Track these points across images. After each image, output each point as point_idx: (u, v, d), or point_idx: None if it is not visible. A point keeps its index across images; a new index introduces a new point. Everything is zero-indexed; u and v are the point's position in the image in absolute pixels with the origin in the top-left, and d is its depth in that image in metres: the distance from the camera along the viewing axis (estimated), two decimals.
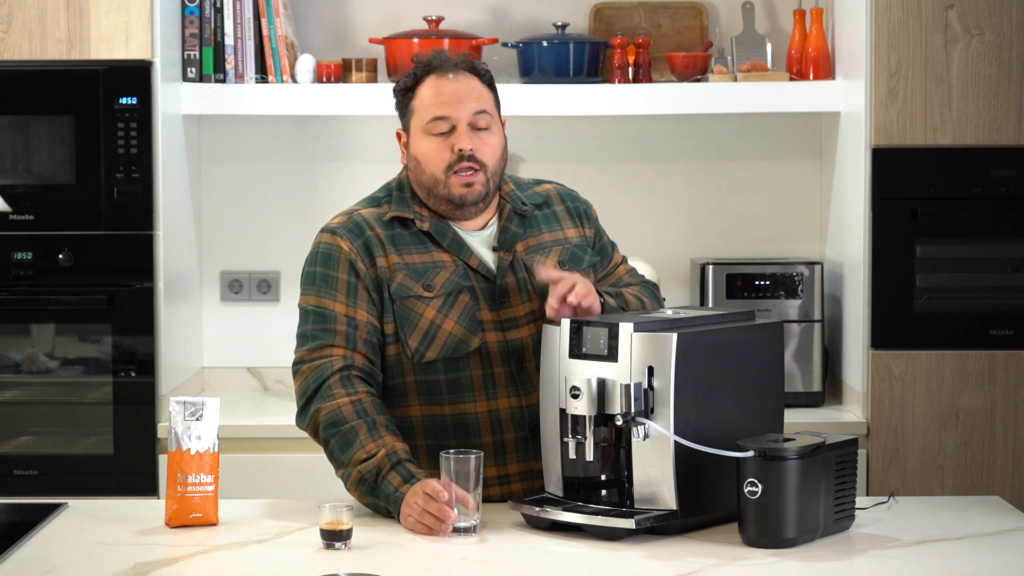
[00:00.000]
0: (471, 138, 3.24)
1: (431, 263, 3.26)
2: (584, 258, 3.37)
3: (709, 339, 3.06)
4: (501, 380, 3.25)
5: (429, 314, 3.23)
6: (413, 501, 3.03)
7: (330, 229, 3.30)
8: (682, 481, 2.99)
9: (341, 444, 3.15)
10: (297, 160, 4.99)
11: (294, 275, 4.98)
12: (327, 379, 3.19)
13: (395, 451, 3.11)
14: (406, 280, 3.24)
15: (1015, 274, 4.46)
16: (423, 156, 3.26)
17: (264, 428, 4.49)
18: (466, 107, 3.24)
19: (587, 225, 3.44)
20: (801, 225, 4.99)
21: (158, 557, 2.91)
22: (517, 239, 3.32)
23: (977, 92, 4.39)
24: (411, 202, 3.30)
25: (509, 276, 3.29)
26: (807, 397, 4.66)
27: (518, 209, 3.34)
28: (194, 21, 4.69)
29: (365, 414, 3.15)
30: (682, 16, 4.96)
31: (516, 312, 3.27)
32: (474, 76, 3.29)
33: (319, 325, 3.23)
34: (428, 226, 3.28)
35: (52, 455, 4.50)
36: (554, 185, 3.47)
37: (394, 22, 4.93)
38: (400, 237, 3.28)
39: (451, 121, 3.24)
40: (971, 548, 2.97)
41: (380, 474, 3.09)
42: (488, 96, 3.30)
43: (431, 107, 3.25)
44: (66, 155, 4.45)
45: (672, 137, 4.98)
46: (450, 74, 3.26)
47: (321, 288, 3.26)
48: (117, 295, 4.46)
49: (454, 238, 3.29)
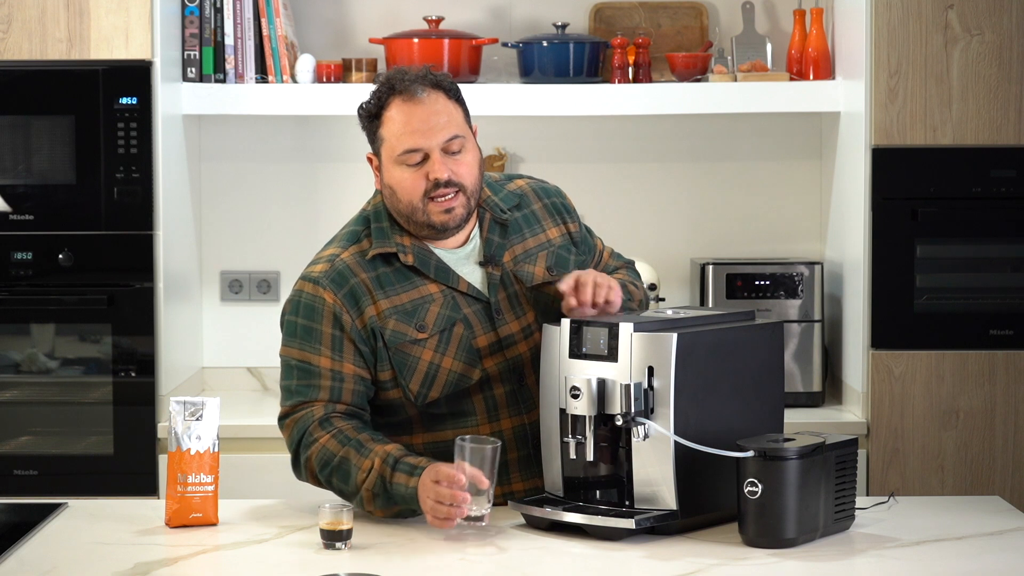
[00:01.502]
0: (445, 164, 3.14)
1: (419, 299, 3.19)
2: (570, 259, 3.32)
3: (709, 339, 3.06)
4: (502, 401, 3.22)
5: (427, 356, 3.18)
6: (425, 495, 3.00)
7: (312, 278, 3.20)
8: (682, 481, 2.99)
9: (341, 477, 3.11)
10: (297, 160, 4.99)
11: (294, 275, 4.95)
12: (308, 428, 3.14)
13: (388, 454, 3.08)
14: (398, 326, 3.17)
15: (1015, 274, 4.46)
16: (398, 185, 3.17)
17: (264, 428, 4.48)
18: (438, 135, 3.14)
19: (569, 219, 3.37)
20: (801, 225, 4.99)
21: (158, 557, 2.91)
22: (502, 250, 3.25)
23: (977, 92, 4.39)
24: (390, 232, 3.21)
25: (500, 292, 3.23)
26: (807, 397, 4.66)
27: (498, 218, 3.27)
28: (194, 21, 4.69)
29: (348, 440, 3.11)
30: (682, 16, 4.96)
31: (512, 328, 3.22)
32: (439, 92, 3.17)
33: (303, 380, 3.16)
34: (412, 259, 3.19)
35: (52, 455, 4.50)
36: (526, 180, 3.39)
37: (394, 22, 4.93)
38: (385, 276, 3.19)
39: (424, 151, 3.14)
40: (971, 548, 2.97)
41: (386, 481, 3.06)
42: (457, 114, 3.18)
43: (402, 138, 3.15)
44: (66, 155, 4.45)
45: (672, 137, 4.98)
46: (416, 94, 3.14)
47: (304, 342, 3.17)
48: (117, 295, 4.46)
49: (438, 265, 3.21)
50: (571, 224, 3.37)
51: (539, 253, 3.29)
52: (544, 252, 3.30)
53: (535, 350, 3.20)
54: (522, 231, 3.30)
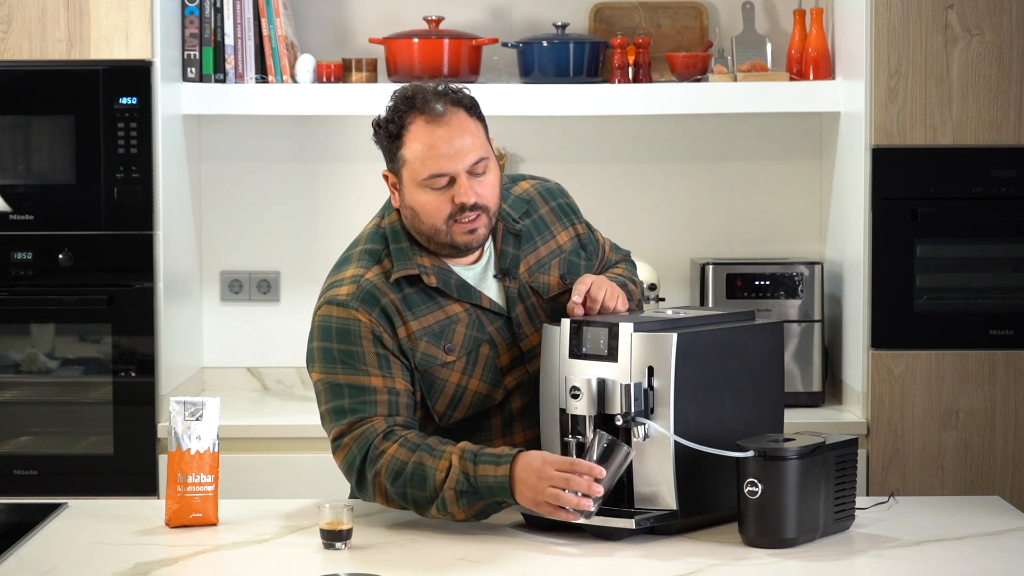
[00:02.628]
0: (472, 186, 3.07)
1: (446, 320, 3.14)
2: (580, 264, 3.29)
3: (709, 339, 3.06)
4: (517, 414, 3.19)
5: (454, 379, 3.14)
6: (535, 479, 2.93)
7: (339, 302, 3.10)
8: (682, 481, 2.99)
9: (416, 484, 3.03)
10: (297, 160, 4.99)
11: (294, 275, 5.00)
12: (371, 443, 3.05)
13: (464, 450, 3.01)
14: (428, 348, 3.12)
15: (1015, 274, 4.46)
16: (421, 208, 3.10)
17: (264, 428, 4.49)
18: (464, 159, 3.06)
19: (576, 220, 3.33)
20: (801, 225, 4.99)
21: (158, 557, 2.91)
22: (517, 261, 3.21)
23: (977, 92, 4.39)
24: (411, 253, 3.14)
25: (518, 306, 3.19)
26: (807, 397, 4.66)
27: (511, 228, 3.22)
28: (194, 21, 4.69)
29: (417, 446, 3.04)
30: (682, 16, 4.96)
31: (532, 341, 3.18)
32: (461, 109, 3.09)
33: (357, 398, 3.07)
34: (435, 280, 3.13)
35: (52, 455, 4.50)
36: (530, 183, 3.34)
37: (394, 22, 4.93)
38: (411, 298, 3.12)
39: (450, 175, 3.07)
40: (971, 548, 2.97)
41: (469, 476, 2.99)
42: (480, 132, 3.11)
43: (427, 162, 3.07)
44: (66, 155, 4.45)
45: (672, 137, 4.98)
46: (438, 112, 3.06)
47: (347, 366, 3.08)
48: (117, 295, 4.46)
49: (459, 284, 3.16)
50: (579, 225, 3.34)
51: (552, 261, 3.26)
52: (556, 260, 3.26)
53: None
54: (533, 239, 3.25)
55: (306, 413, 4.57)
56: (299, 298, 4.98)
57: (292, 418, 4.56)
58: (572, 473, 2.93)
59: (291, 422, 4.50)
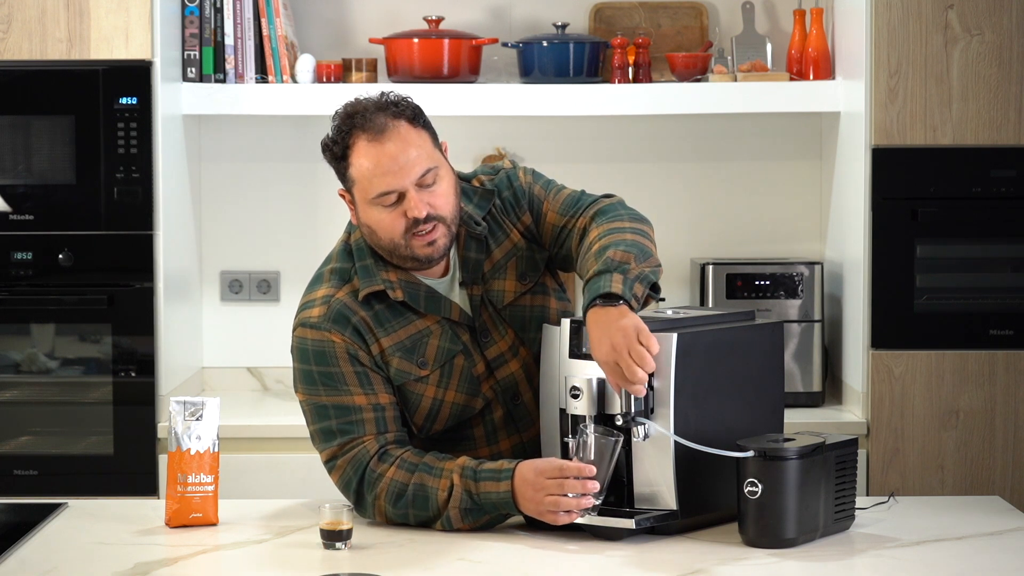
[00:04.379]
0: (422, 199, 3.05)
1: (417, 335, 3.13)
2: (538, 258, 3.23)
3: (709, 339, 3.06)
4: (500, 423, 3.19)
5: (430, 392, 3.14)
6: (531, 491, 2.95)
7: (311, 324, 3.11)
8: (682, 481, 2.99)
9: (419, 505, 3.03)
10: (297, 160, 4.99)
11: (294, 275, 5.00)
12: (367, 466, 3.06)
13: (463, 467, 3.02)
14: (402, 364, 3.12)
15: (1015, 274, 4.46)
16: (376, 225, 3.08)
17: (264, 428, 4.49)
18: (410, 173, 3.04)
19: (520, 212, 3.24)
20: (801, 225, 4.99)
21: (158, 557, 2.91)
22: (480, 266, 3.18)
23: (977, 92, 4.39)
24: (375, 269, 3.13)
25: (483, 313, 3.17)
26: (807, 397, 4.66)
27: (473, 232, 3.19)
28: (194, 21, 4.69)
29: (416, 466, 3.04)
30: (682, 16, 4.96)
31: (501, 348, 3.17)
32: (403, 121, 3.06)
33: (344, 419, 3.08)
34: (401, 295, 3.12)
35: (52, 455, 4.50)
36: (486, 178, 3.26)
37: (394, 22, 4.93)
38: (381, 314, 3.12)
39: (398, 191, 3.05)
40: (971, 548, 2.97)
41: (472, 494, 3.00)
42: (425, 142, 3.08)
43: (373, 180, 3.05)
44: (66, 155, 4.45)
45: (672, 137, 4.98)
46: (379, 128, 3.03)
47: (329, 387, 3.09)
48: (117, 295, 4.46)
49: (427, 296, 3.14)
50: (524, 216, 3.25)
51: (507, 264, 3.22)
52: (512, 260, 3.22)
53: (526, 367, 3.18)
54: (489, 243, 3.21)
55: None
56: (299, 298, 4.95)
57: (292, 418, 4.54)
58: (563, 478, 2.94)
59: (291, 422, 4.50)
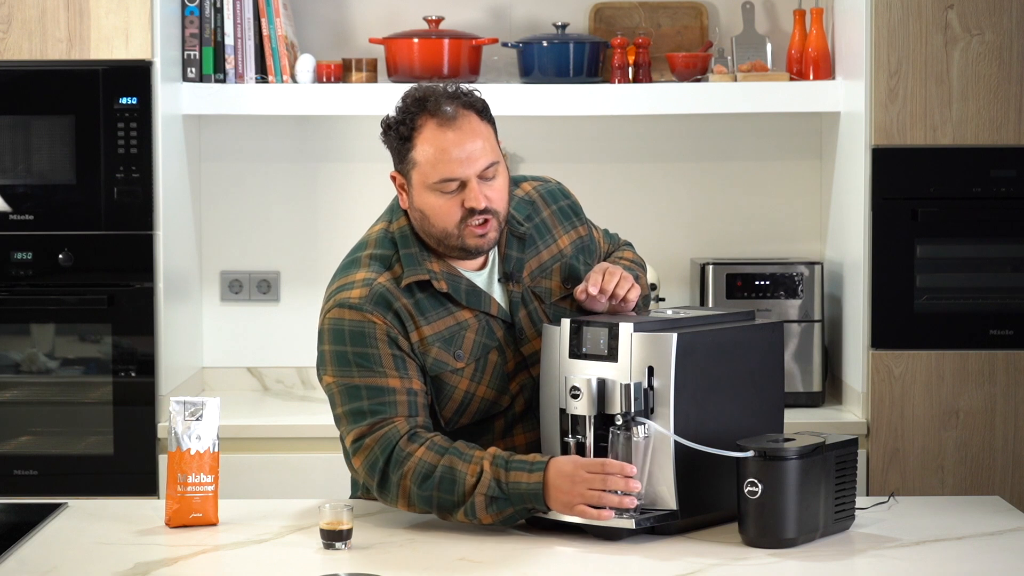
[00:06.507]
0: (482, 191, 3.06)
1: (456, 326, 3.12)
2: (581, 268, 3.27)
3: (709, 339, 3.06)
4: (519, 417, 3.19)
5: (463, 385, 3.13)
6: (569, 483, 2.94)
7: (352, 305, 3.07)
8: (682, 481, 2.99)
9: (446, 488, 3.00)
10: (297, 160, 4.99)
11: (294, 275, 5.00)
12: (396, 444, 3.02)
13: (496, 456, 3.01)
14: (440, 354, 3.11)
15: (1015, 274, 4.46)
16: (431, 211, 3.08)
17: (264, 428, 4.49)
18: (476, 164, 3.05)
19: (578, 223, 3.31)
20: (801, 225, 4.99)
21: (158, 557, 2.91)
22: (521, 265, 3.20)
23: (977, 92, 4.39)
24: (421, 258, 3.12)
25: (521, 311, 3.18)
26: (807, 397, 4.66)
27: (516, 232, 3.20)
28: (194, 21, 4.69)
29: (446, 450, 3.02)
30: (682, 16, 4.96)
31: (535, 346, 3.17)
32: (473, 113, 3.08)
33: (377, 399, 3.04)
34: (445, 286, 3.11)
35: (52, 455, 4.50)
36: (532, 184, 3.32)
37: (394, 22, 4.93)
38: (422, 303, 3.10)
39: (461, 180, 3.05)
40: (971, 548, 2.97)
41: (501, 483, 2.98)
42: (491, 136, 3.10)
43: (438, 166, 3.05)
44: (66, 155, 4.45)
45: (672, 137, 4.98)
46: (449, 115, 3.04)
47: (364, 368, 3.05)
48: (117, 295, 4.46)
49: (469, 290, 3.14)
50: (581, 227, 3.32)
51: (553, 266, 3.24)
52: (558, 264, 3.25)
53: None
54: (536, 244, 3.24)
55: (306, 413, 4.58)
56: (299, 298, 4.98)
57: (292, 418, 4.56)
58: (606, 474, 2.93)
59: (291, 422, 4.50)
